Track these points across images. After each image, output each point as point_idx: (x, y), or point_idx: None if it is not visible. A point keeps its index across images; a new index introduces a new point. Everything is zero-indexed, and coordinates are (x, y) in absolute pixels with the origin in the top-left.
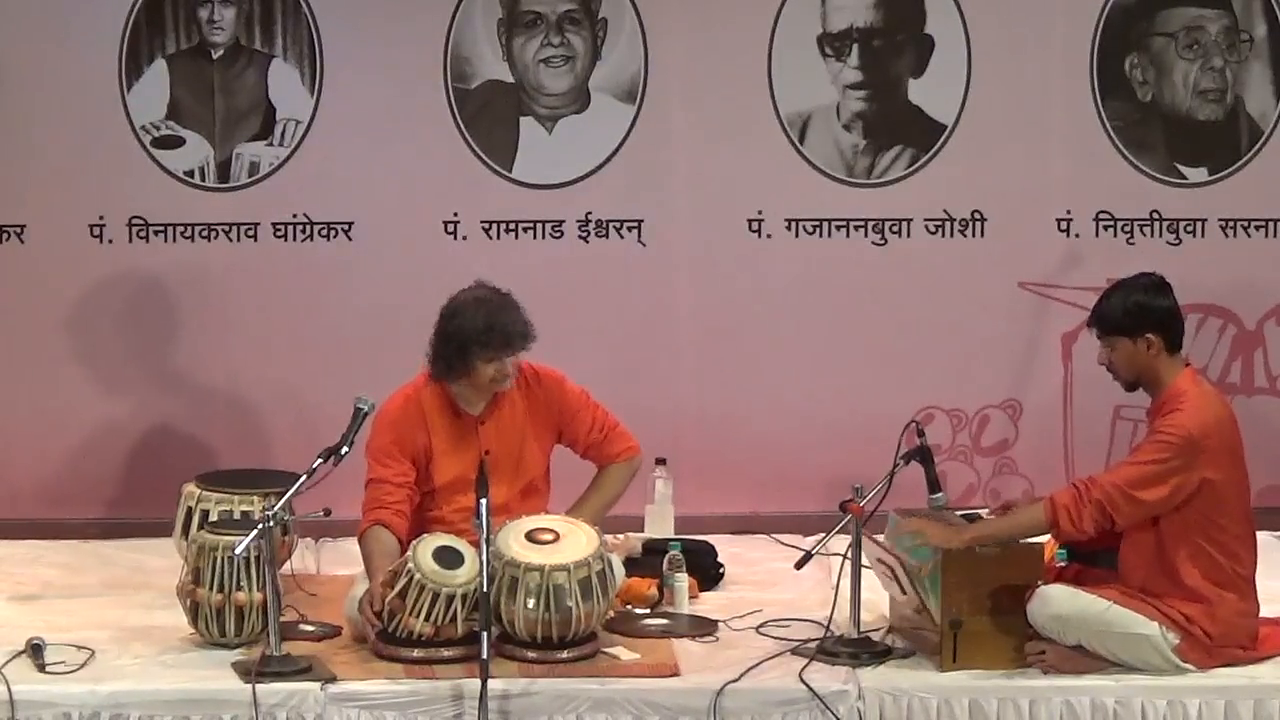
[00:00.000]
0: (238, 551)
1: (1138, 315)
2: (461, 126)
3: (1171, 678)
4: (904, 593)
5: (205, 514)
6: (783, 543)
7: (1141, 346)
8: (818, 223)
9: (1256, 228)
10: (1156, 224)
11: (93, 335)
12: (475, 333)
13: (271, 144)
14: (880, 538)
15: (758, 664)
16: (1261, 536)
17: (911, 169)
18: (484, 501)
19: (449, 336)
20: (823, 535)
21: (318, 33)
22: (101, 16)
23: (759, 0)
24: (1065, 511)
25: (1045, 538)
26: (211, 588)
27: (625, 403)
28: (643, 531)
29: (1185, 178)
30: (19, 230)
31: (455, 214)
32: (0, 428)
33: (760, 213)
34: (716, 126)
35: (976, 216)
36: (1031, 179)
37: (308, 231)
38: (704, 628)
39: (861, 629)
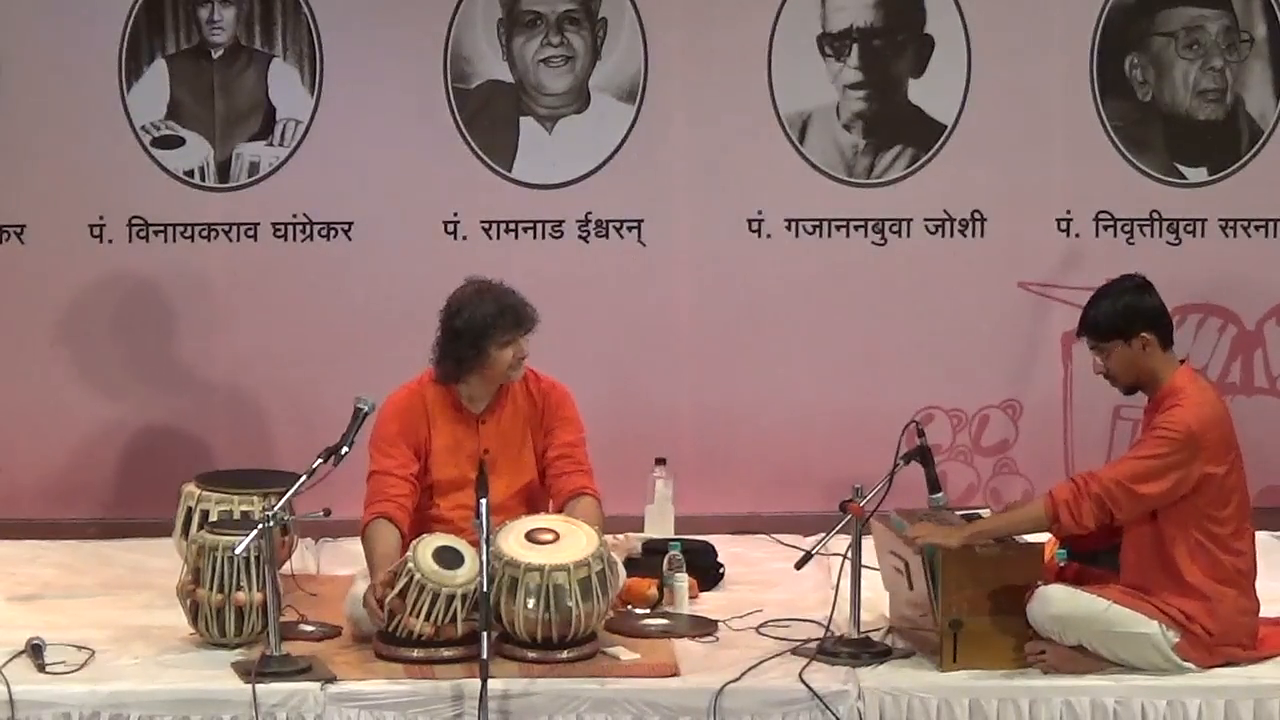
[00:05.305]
0: (238, 551)
1: (1128, 316)
2: (461, 126)
3: (1171, 678)
4: (911, 588)
5: (205, 514)
6: (783, 543)
7: (1137, 347)
8: (818, 223)
9: (1256, 228)
10: (1156, 224)
11: (92, 335)
12: (489, 318)
13: (271, 144)
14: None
15: (758, 664)
16: (1261, 536)
17: (911, 169)
18: (484, 501)
19: (459, 331)
20: (823, 535)
21: (318, 33)
22: (101, 16)
23: (759, 0)
24: (1065, 506)
25: (1046, 536)
26: (211, 588)
27: (625, 402)
28: (643, 531)
29: (1185, 178)
30: (19, 230)
31: (455, 214)
32: (0, 427)
33: (760, 213)
34: (716, 126)
35: (976, 216)
36: (1031, 179)
37: (308, 231)
38: (704, 628)
39: (861, 629)
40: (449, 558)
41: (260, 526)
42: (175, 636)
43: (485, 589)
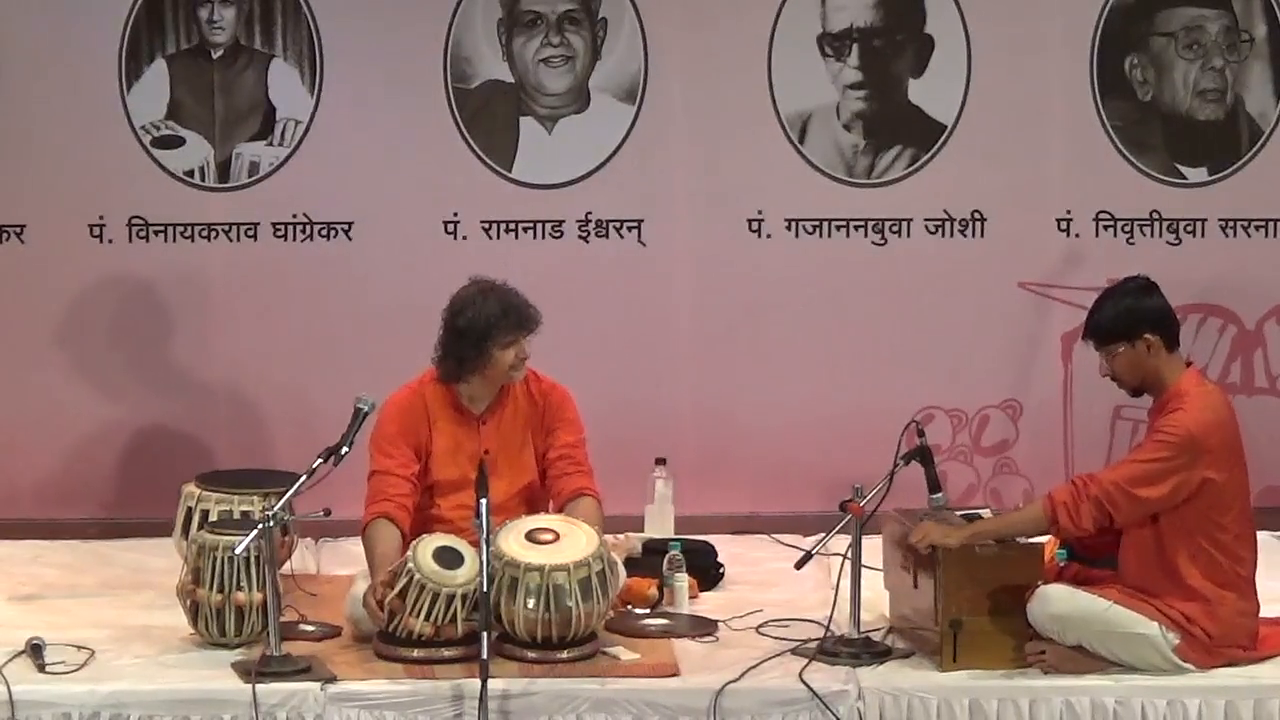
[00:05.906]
0: (238, 551)
1: (1132, 318)
2: (461, 126)
3: (1171, 678)
4: (916, 586)
5: (205, 514)
6: (783, 543)
7: (1141, 349)
8: (818, 223)
9: (1256, 228)
10: (1156, 224)
11: (92, 335)
12: (493, 318)
13: (271, 144)
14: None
15: (758, 664)
16: (1261, 536)
17: (911, 169)
18: (484, 501)
19: (463, 331)
20: (823, 535)
21: (318, 33)
22: (101, 16)
23: (759, 0)
24: (1064, 508)
25: (1046, 537)
26: (211, 588)
27: (625, 403)
28: (643, 531)
29: (1185, 178)
30: (19, 230)
31: (455, 214)
32: (0, 427)
33: (760, 213)
34: (716, 126)
35: (976, 216)
36: (1031, 179)
37: (308, 231)
38: (704, 628)
39: (861, 629)
40: (449, 558)
41: (260, 526)
42: (175, 636)
43: (485, 589)
